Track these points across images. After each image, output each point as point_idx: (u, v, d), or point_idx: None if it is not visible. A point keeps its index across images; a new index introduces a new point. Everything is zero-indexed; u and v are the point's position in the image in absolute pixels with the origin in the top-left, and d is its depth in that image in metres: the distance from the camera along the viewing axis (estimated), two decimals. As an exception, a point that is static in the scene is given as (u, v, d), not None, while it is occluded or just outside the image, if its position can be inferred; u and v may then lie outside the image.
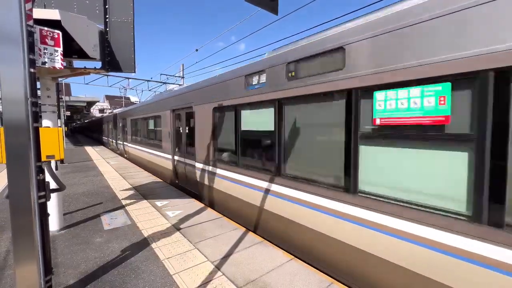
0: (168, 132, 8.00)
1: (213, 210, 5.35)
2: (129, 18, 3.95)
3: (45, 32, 2.25)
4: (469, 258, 2.03)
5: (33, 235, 1.31)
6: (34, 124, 1.98)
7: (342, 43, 2.82)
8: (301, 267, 3.21)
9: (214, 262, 3.30)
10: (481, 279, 1.96)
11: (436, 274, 2.21)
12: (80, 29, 3.29)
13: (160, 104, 8.75)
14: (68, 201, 5.88)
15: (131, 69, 4.02)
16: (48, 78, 3.92)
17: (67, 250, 3.60)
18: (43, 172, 2.24)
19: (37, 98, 2.13)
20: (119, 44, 3.94)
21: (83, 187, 7.37)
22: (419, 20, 2.22)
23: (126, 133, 14.17)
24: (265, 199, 4.20)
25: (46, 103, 3.87)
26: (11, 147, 1.27)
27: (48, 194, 2.29)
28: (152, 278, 2.94)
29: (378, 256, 2.61)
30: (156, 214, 5.05)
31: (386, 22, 2.46)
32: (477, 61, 1.93)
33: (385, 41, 2.46)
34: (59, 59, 2.37)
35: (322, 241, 3.22)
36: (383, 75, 2.47)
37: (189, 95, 6.68)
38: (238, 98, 4.71)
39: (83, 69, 3.95)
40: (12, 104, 1.29)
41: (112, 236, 4.08)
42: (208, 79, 5.94)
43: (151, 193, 6.63)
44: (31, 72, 1.98)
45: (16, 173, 1.29)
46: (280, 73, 3.71)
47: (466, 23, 1.97)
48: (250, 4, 2.88)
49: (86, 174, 9.32)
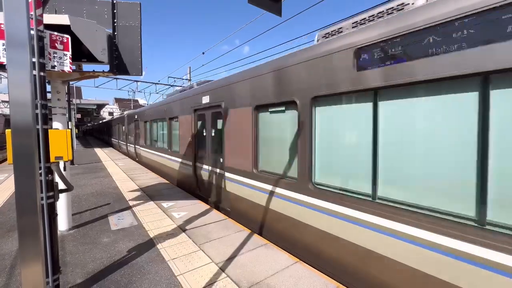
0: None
1: (219, 212, 5.36)
2: (137, 22, 4.04)
3: (54, 36, 2.32)
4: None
5: (39, 235, 1.34)
6: (44, 126, 2.05)
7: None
8: (306, 270, 3.17)
9: (219, 264, 3.30)
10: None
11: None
12: (89, 33, 3.37)
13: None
14: (77, 202, 6.01)
15: (138, 72, 4.09)
16: (58, 81, 4.03)
17: (75, 250, 3.66)
18: (52, 173, 2.30)
19: (47, 100, 2.20)
20: (126, 47, 4.02)
21: (92, 188, 7.52)
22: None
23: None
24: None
25: (56, 105, 3.98)
26: (17, 148, 1.31)
27: (57, 194, 2.35)
28: (157, 278, 2.96)
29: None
30: (162, 215, 5.10)
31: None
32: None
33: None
34: (68, 63, 2.44)
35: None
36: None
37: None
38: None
39: (92, 72, 4.05)
40: (19, 106, 1.33)
41: (119, 236, 4.14)
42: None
43: (158, 194, 6.71)
44: (40, 76, 2.05)
45: (22, 173, 1.33)
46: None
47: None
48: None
49: (95, 175, 9.50)
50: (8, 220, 4.80)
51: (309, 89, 3.44)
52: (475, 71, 2.02)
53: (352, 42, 2.91)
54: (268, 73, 4.14)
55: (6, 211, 5.31)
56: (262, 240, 3.99)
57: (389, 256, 2.60)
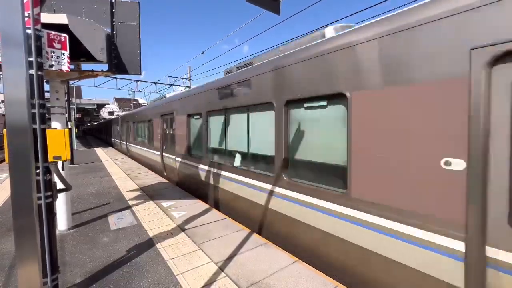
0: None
1: (218, 211, 5.36)
2: (135, 22, 4.03)
3: (52, 35, 2.31)
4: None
5: (35, 235, 1.33)
6: (42, 126, 2.04)
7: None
8: (306, 269, 3.17)
9: (218, 263, 3.29)
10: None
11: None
12: (88, 32, 3.36)
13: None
14: (77, 201, 6.01)
15: (137, 71, 4.08)
16: (57, 80, 4.02)
17: (74, 249, 3.66)
18: (50, 173, 2.29)
19: (45, 100, 2.19)
20: (125, 47, 4.01)
21: (92, 187, 7.52)
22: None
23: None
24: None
25: (55, 105, 3.97)
26: (13, 148, 1.30)
27: (55, 194, 2.34)
28: (156, 278, 2.96)
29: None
30: (162, 215, 5.10)
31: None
32: None
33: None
34: (66, 62, 2.43)
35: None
36: None
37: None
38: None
39: (90, 71, 4.04)
40: (14, 106, 1.32)
41: (118, 236, 4.13)
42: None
43: (157, 194, 6.70)
44: (38, 75, 2.04)
45: (18, 173, 1.32)
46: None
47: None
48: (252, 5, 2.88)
49: (95, 175, 9.50)
50: (8, 219, 4.79)
51: (205, 106, 6.13)
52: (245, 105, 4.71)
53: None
54: (189, 96, 7.01)
55: (6, 210, 5.31)
56: (261, 240, 3.99)
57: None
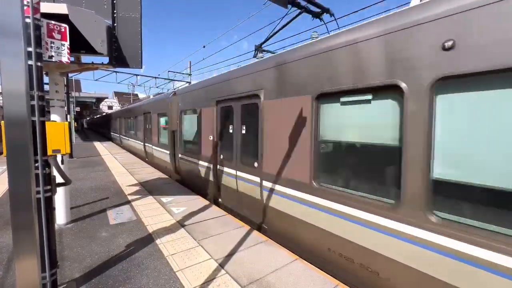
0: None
1: (218, 208, 5.34)
2: (137, 14, 3.94)
3: (52, 25, 2.24)
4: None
5: (33, 230, 1.30)
6: (41, 118, 1.99)
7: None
8: (306, 267, 3.16)
9: (218, 260, 3.28)
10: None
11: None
12: (88, 24, 3.28)
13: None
14: (75, 196, 5.97)
15: (138, 64, 4.01)
16: (56, 73, 3.94)
17: (73, 244, 3.64)
18: (49, 166, 2.25)
19: (44, 92, 2.14)
20: (126, 39, 3.93)
21: (91, 182, 7.48)
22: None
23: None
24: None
25: (54, 98, 3.91)
26: (11, 141, 1.25)
27: (54, 188, 2.30)
28: (156, 274, 2.94)
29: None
30: (161, 210, 5.07)
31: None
32: None
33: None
34: (66, 53, 2.37)
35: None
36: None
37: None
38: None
39: (90, 64, 3.97)
40: (12, 98, 1.27)
41: (117, 231, 4.11)
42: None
43: (157, 189, 6.67)
44: (37, 66, 1.98)
45: (16, 167, 1.28)
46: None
47: None
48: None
49: (94, 169, 9.46)
50: (6, 212, 4.76)
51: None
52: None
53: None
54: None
55: (4, 203, 5.27)
56: (261, 237, 3.97)
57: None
